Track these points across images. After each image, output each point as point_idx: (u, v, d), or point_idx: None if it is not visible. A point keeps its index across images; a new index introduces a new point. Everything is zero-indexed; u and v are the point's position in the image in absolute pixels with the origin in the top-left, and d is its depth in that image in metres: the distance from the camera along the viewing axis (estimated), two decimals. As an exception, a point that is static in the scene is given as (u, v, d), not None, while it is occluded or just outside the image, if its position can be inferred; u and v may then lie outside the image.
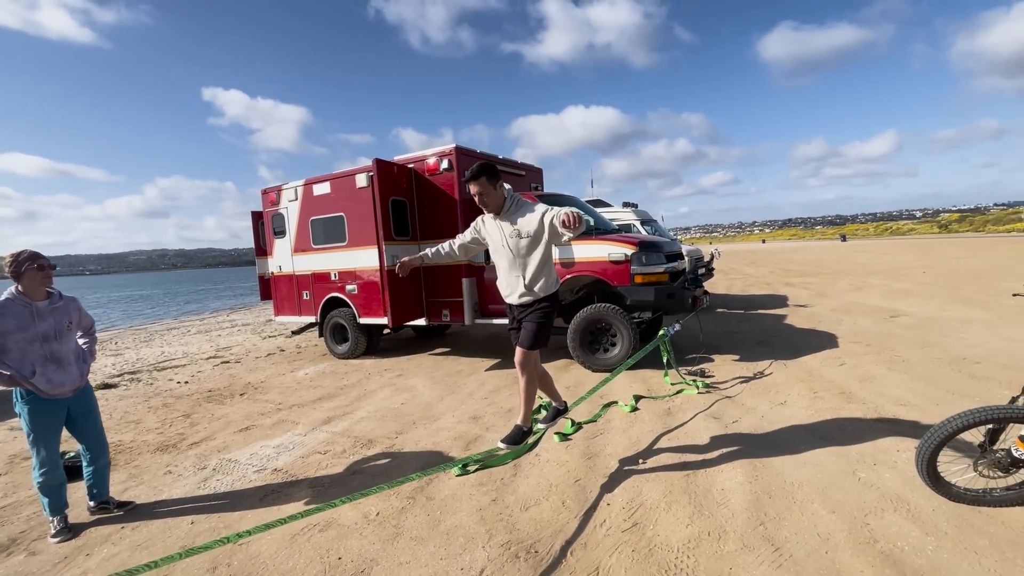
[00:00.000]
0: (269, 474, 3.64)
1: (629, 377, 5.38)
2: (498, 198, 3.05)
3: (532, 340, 3.09)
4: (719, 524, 2.53)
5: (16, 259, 2.84)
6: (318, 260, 7.66)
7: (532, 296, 3.08)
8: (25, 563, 2.71)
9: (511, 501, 2.95)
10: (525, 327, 3.12)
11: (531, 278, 3.03)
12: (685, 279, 6.11)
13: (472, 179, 2.96)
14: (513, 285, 3.10)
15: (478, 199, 3.04)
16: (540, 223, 2.96)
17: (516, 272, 3.07)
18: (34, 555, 2.79)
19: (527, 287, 3.05)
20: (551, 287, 3.11)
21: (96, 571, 2.59)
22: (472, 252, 3.39)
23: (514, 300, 3.14)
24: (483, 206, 3.08)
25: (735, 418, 3.97)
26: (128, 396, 6.41)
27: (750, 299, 11.37)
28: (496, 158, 7.27)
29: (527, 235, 2.99)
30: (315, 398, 5.61)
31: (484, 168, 2.96)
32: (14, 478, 3.92)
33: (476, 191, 3.00)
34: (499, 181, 3.04)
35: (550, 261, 3.11)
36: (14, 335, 2.78)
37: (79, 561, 2.70)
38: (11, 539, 2.97)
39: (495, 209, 3.07)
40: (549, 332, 3.16)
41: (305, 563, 2.49)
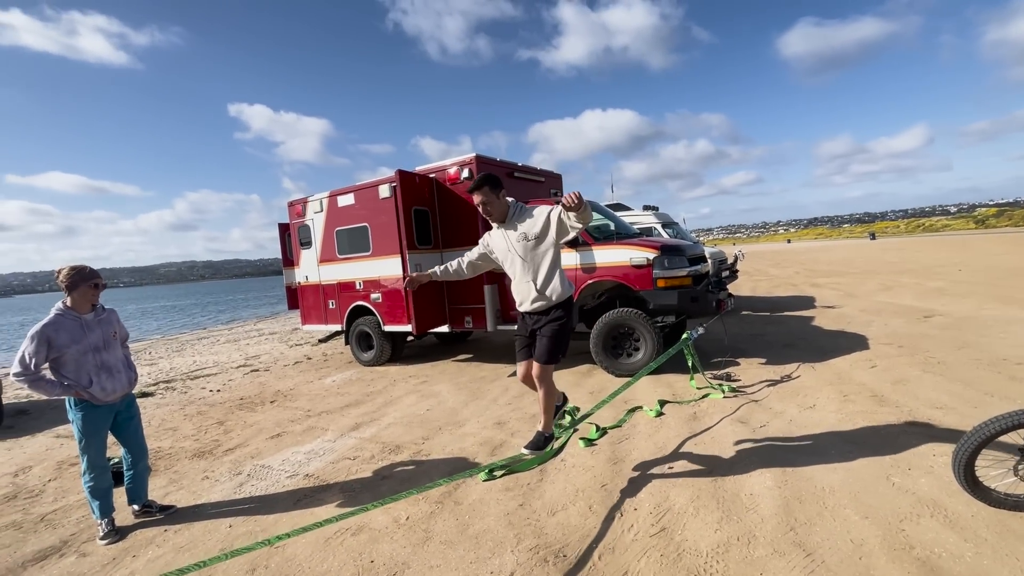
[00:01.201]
0: (301, 479, 3.74)
1: (654, 382, 5.36)
2: (502, 207, 3.07)
3: (548, 355, 3.04)
4: (748, 529, 2.52)
5: (73, 275, 3.01)
6: (343, 270, 7.83)
7: (545, 301, 3.03)
8: (76, 564, 2.85)
9: (538, 506, 2.98)
10: (540, 340, 3.07)
11: (543, 282, 3.00)
12: (708, 282, 6.06)
13: (475, 189, 3.00)
14: (525, 292, 3.07)
15: (482, 209, 3.05)
16: (546, 220, 2.95)
17: (527, 277, 3.03)
18: (84, 556, 2.93)
19: (539, 291, 3.01)
20: (565, 292, 3.05)
21: (143, 572, 2.71)
22: (480, 269, 3.38)
23: (527, 307, 3.10)
24: (487, 216, 3.09)
25: (763, 422, 3.93)
26: (164, 404, 6.65)
27: (776, 301, 11.17)
28: (515, 165, 7.34)
29: (533, 237, 2.98)
30: (343, 405, 5.74)
31: (486, 179, 2.99)
32: (63, 483, 4.11)
33: (479, 201, 3.02)
34: (502, 190, 3.05)
35: (560, 263, 3.07)
36: (69, 348, 2.95)
37: (126, 562, 2.82)
38: (63, 541, 3.13)
39: (499, 218, 3.10)
40: (566, 344, 3.12)
41: (339, 566, 2.57)
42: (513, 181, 7.17)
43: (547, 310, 3.06)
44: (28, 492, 4.01)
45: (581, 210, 2.67)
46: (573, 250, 5.95)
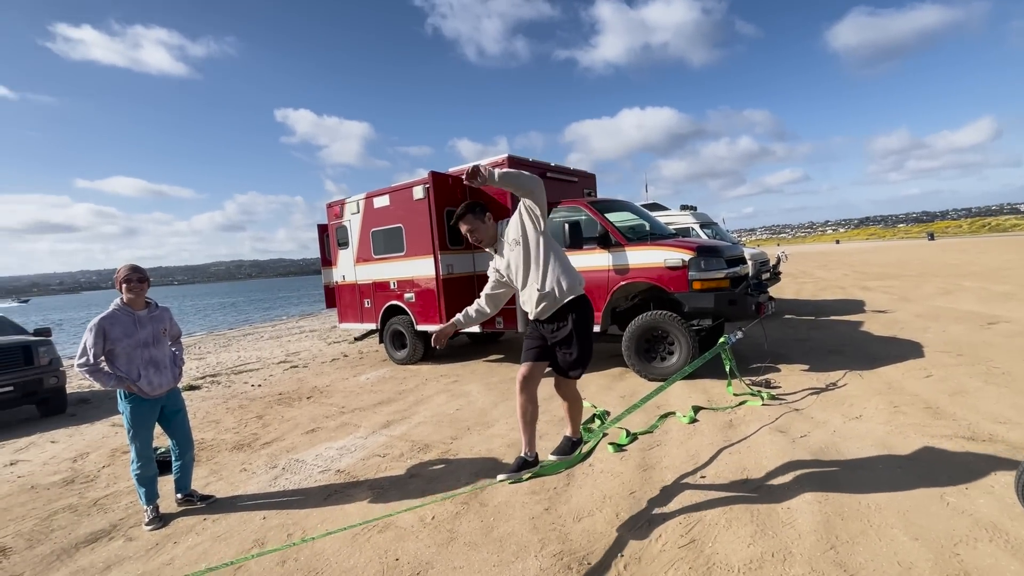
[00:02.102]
0: (333, 475, 3.83)
1: (688, 387, 5.20)
2: (490, 230, 3.00)
3: (581, 367, 2.94)
4: (784, 545, 2.39)
5: (122, 274, 3.25)
6: (378, 270, 7.99)
7: (552, 301, 2.83)
8: (123, 548, 3.01)
9: (564, 511, 2.93)
10: (563, 355, 2.92)
11: (542, 279, 2.82)
12: (748, 284, 5.84)
13: (459, 219, 2.95)
14: (531, 297, 2.90)
15: (471, 237, 2.99)
16: (518, 216, 2.86)
17: (529, 282, 2.89)
18: (131, 541, 3.09)
19: (541, 290, 2.83)
20: (573, 286, 2.84)
21: (182, 558, 2.83)
22: (501, 299, 3.16)
23: (536, 312, 2.92)
24: (478, 244, 3.02)
25: (803, 432, 3.74)
26: (209, 397, 6.95)
27: (821, 304, 10.66)
28: (548, 165, 7.30)
29: (517, 239, 2.86)
30: (375, 402, 5.84)
31: (468, 206, 2.94)
32: (115, 470, 4.36)
33: (466, 230, 2.96)
34: (487, 215, 2.97)
35: (556, 256, 2.86)
36: (122, 342, 3.16)
37: (168, 548, 2.96)
38: (112, 525, 3.31)
39: (490, 242, 3.02)
40: (589, 357, 2.94)
41: (365, 562, 2.60)
42: (545, 181, 7.11)
43: (560, 313, 2.88)
44: (84, 477, 4.27)
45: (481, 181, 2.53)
46: (605, 251, 5.85)
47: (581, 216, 6.18)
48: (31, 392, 6.41)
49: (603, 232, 5.88)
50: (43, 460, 4.85)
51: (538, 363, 3.01)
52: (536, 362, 3.00)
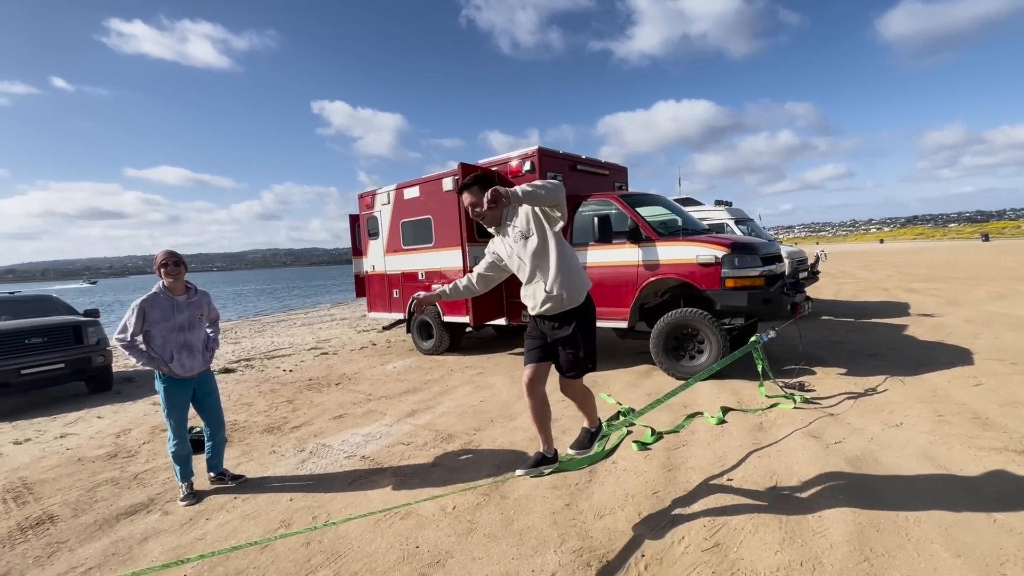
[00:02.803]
0: (358, 460, 3.90)
1: (717, 387, 5.07)
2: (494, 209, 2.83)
3: (581, 368, 2.78)
4: (814, 554, 2.30)
5: (160, 260, 3.37)
6: (407, 260, 8.07)
7: (556, 303, 2.70)
8: (160, 521, 3.14)
9: (585, 507, 2.90)
10: (565, 354, 2.78)
11: (551, 280, 2.67)
12: (784, 283, 5.63)
13: (464, 189, 2.77)
14: (534, 294, 2.77)
15: (472, 212, 2.79)
16: (533, 211, 2.68)
17: (536, 278, 2.74)
18: (167, 515, 3.22)
19: (548, 291, 2.68)
20: (580, 290, 2.71)
21: (213, 534, 2.93)
22: (492, 281, 3.05)
23: (539, 310, 2.78)
24: (479, 219, 2.81)
25: (838, 438, 3.59)
26: (243, 381, 7.19)
27: (862, 306, 10.22)
28: (579, 157, 7.20)
29: (528, 233, 2.71)
30: (401, 391, 5.92)
31: (477, 178, 2.77)
32: (155, 447, 4.56)
33: (469, 202, 2.77)
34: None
35: (566, 257, 2.71)
36: (159, 324, 3.28)
37: (200, 524, 3.07)
38: (150, 499, 3.47)
39: (493, 221, 2.83)
40: (593, 355, 2.80)
41: (386, 547, 2.64)
42: (575, 174, 7.03)
43: (562, 315, 2.74)
44: (126, 452, 4.48)
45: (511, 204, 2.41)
46: (635, 245, 5.74)
47: (611, 210, 6.07)
48: (80, 369, 6.76)
49: (633, 226, 5.77)
50: (89, 434, 5.12)
51: (541, 364, 2.88)
52: (539, 363, 2.88)
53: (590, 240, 6.11)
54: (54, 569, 2.68)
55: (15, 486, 3.87)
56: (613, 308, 5.99)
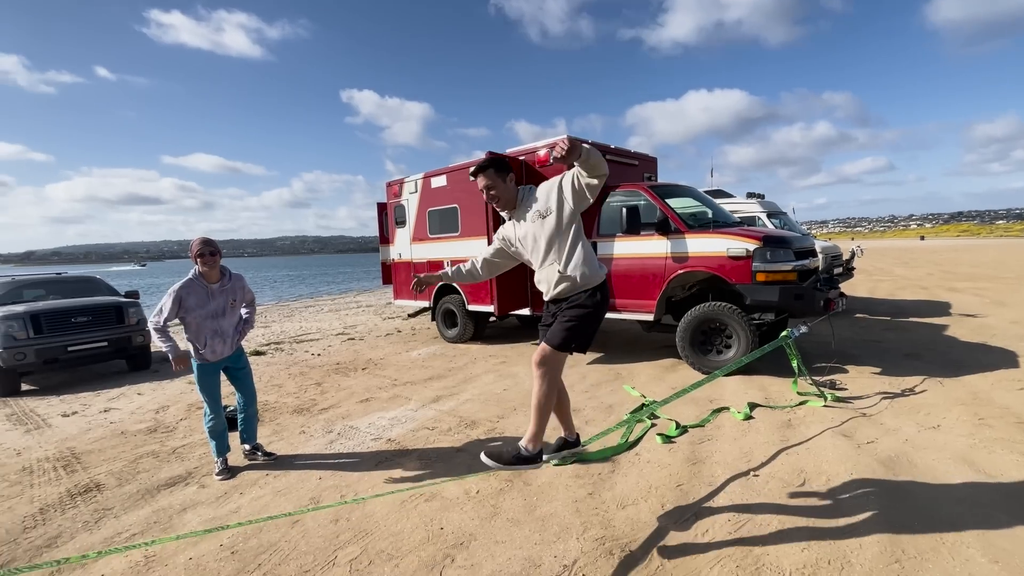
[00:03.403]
0: (384, 443, 3.99)
1: (745, 383, 4.99)
2: (509, 192, 2.72)
3: (561, 339, 2.53)
4: (842, 553, 2.26)
5: (195, 248, 3.44)
6: (434, 249, 8.14)
7: (571, 283, 2.56)
8: (197, 494, 3.29)
9: (607, 497, 2.91)
10: (556, 323, 2.60)
11: (565, 261, 2.55)
12: (817, 279, 5.48)
13: (479, 171, 2.68)
14: (549, 276, 2.63)
15: (486, 195, 2.72)
16: (558, 188, 2.56)
17: (550, 260, 2.61)
18: (203, 488, 3.37)
19: (562, 271, 2.56)
20: (593, 273, 2.57)
21: (247, 508, 3.05)
22: (498, 268, 2.97)
23: (552, 293, 2.66)
24: (493, 202, 2.74)
25: (871, 438, 3.49)
26: (273, 363, 7.41)
27: (899, 304, 9.86)
28: (607, 147, 7.10)
29: (547, 211, 2.58)
30: (426, 377, 6.01)
31: (492, 160, 2.70)
32: (191, 423, 4.75)
33: (483, 185, 2.69)
34: (510, 175, 2.72)
35: (583, 241, 2.61)
36: (194, 312, 3.39)
37: (234, 498, 3.20)
38: (188, 472, 3.62)
39: (507, 205, 2.75)
40: (586, 335, 2.58)
41: (411, 528, 2.70)
42: (604, 164, 6.95)
43: (574, 295, 2.60)
44: (165, 427, 4.68)
45: (580, 157, 2.27)
46: (664, 237, 5.66)
47: (640, 201, 5.99)
48: (121, 348, 7.08)
49: (662, 218, 5.68)
50: (131, 410, 5.37)
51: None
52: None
53: (618, 231, 6.06)
54: (101, 534, 2.84)
55: (64, 455, 4.09)
56: (639, 300, 5.93)
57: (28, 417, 5.33)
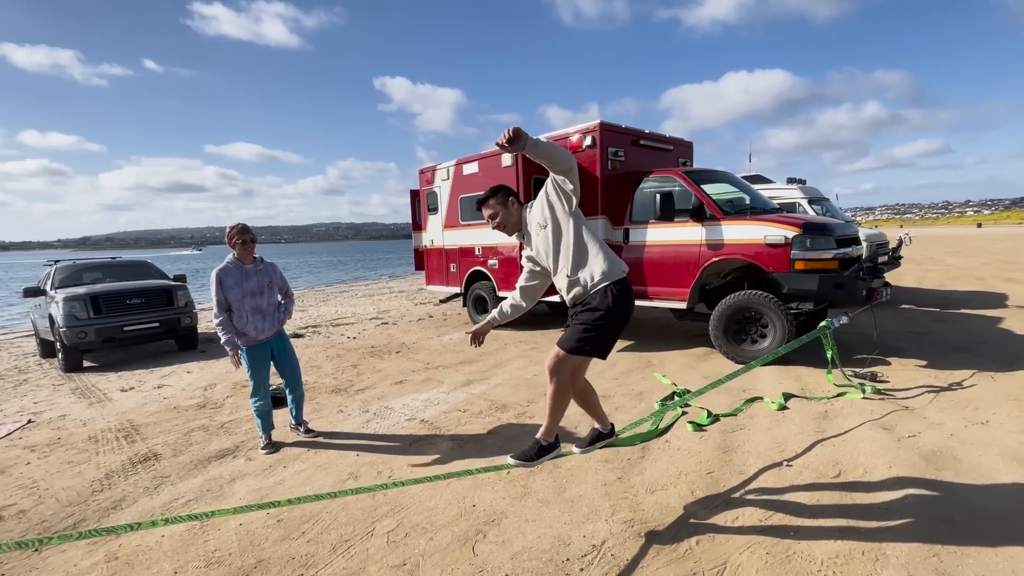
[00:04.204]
0: (417, 424, 4.12)
1: (780, 373, 4.89)
2: (514, 216, 2.70)
3: (572, 342, 2.47)
4: (877, 545, 2.23)
5: (232, 233, 3.68)
6: (465, 236, 8.23)
7: (582, 288, 2.51)
8: (244, 466, 3.49)
9: (636, 482, 2.94)
10: (571, 326, 2.56)
11: (572, 266, 2.51)
12: (860, 267, 5.28)
13: (481, 204, 2.71)
14: (561, 284, 2.62)
15: (494, 224, 2.73)
16: (545, 194, 2.57)
17: (560, 267, 2.59)
18: (250, 460, 3.57)
19: (569, 276, 2.53)
20: (601, 272, 2.47)
21: (290, 480, 3.23)
22: (537, 291, 2.85)
23: (567, 299, 2.63)
24: (502, 229, 2.73)
25: (912, 432, 3.39)
26: (312, 345, 7.69)
27: (949, 295, 9.39)
28: (642, 132, 6.99)
29: (545, 222, 2.57)
30: (457, 362, 6.13)
31: (493, 190, 2.70)
32: (237, 400, 5.01)
33: (489, 215, 2.70)
34: (510, 198, 2.70)
35: (589, 239, 2.54)
36: (232, 290, 3.61)
37: (278, 471, 3.38)
38: (236, 446, 3.84)
39: (515, 228, 2.74)
40: (600, 341, 2.49)
41: (445, 504, 2.81)
42: (638, 149, 6.84)
43: (586, 296, 2.54)
44: (213, 404, 4.96)
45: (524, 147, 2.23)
46: (699, 224, 5.55)
47: (675, 186, 5.89)
48: (171, 329, 7.49)
49: (697, 204, 5.58)
50: (182, 386, 5.70)
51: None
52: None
53: (651, 218, 5.98)
54: (160, 499, 3.06)
55: (124, 427, 4.40)
56: (672, 288, 5.87)
57: (91, 391, 5.73)
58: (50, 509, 3.02)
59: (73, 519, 2.89)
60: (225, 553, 2.47)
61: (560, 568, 2.22)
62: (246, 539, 2.58)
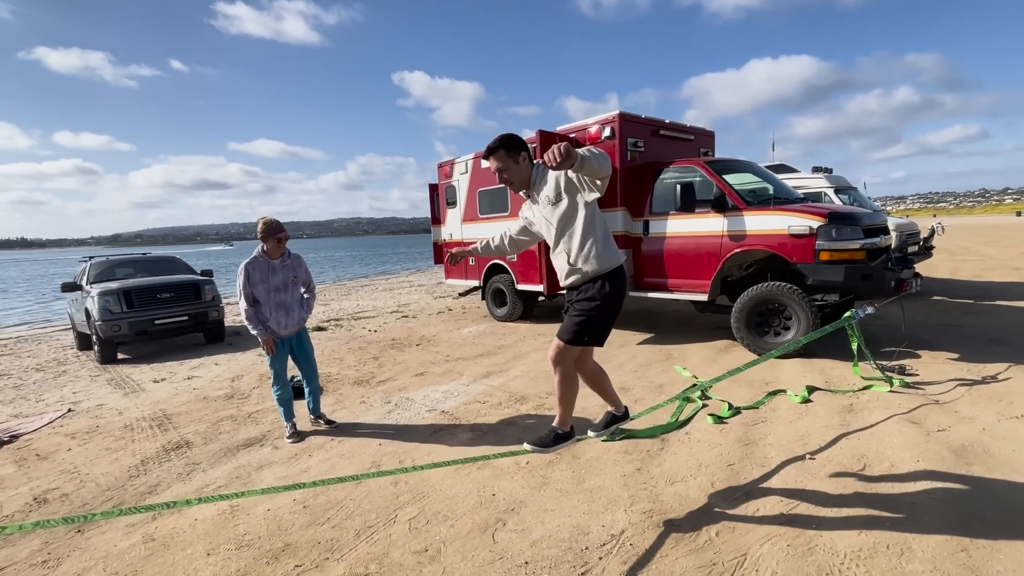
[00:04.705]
0: (438, 414, 4.18)
1: (804, 366, 4.81)
2: (522, 173, 2.61)
3: (570, 333, 2.51)
4: (903, 539, 2.19)
5: (264, 227, 3.72)
6: (484, 229, 8.25)
7: (580, 275, 2.51)
8: (271, 454, 3.59)
9: (656, 473, 2.94)
10: (568, 316, 2.58)
11: (575, 251, 2.49)
12: (889, 257, 5.14)
13: (490, 154, 2.58)
14: (560, 265, 2.59)
15: (499, 177, 2.62)
16: (555, 179, 2.49)
17: (560, 248, 2.56)
18: (276, 449, 3.67)
19: (571, 263, 2.50)
20: (604, 262, 2.47)
21: (315, 468, 3.32)
22: (523, 245, 2.94)
23: (564, 282, 2.62)
24: (507, 184, 2.65)
25: (942, 426, 3.30)
26: (334, 338, 7.83)
27: (983, 287, 9.06)
28: (662, 122, 6.89)
29: (558, 198, 2.50)
30: (477, 354, 6.18)
31: (502, 140, 2.56)
32: (263, 391, 5.15)
33: (495, 167, 2.59)
34: (522, 154, 2.58)
35: (595, 229, 2.50)
36: (259, 285, 3.69)
37: (303, 459, 3.48)
38: (262, 435, 3.96)
39: (522, 185, 2.65)
40: (599, 328, 2.52)
41: (465, 493, 2.85)
42: (658, 139, 6.76)
43: (584, 284, 2.54)
44: (240, 394, 5.10)
45: (576, 167, 2.14)
46: (720, 214, 5.47)
47: (695, 177, 5.80)
48: (200, 322, 7.72)
49: (719, 194, 5.49)
50: (210, 378, 5.88)
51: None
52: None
53: (671, 209, 5.91)
54: (193, 484, 3.18)
55: (158, 416, 4.57)
56: (693, 280, 5.80)
57: (125, 382, 5.96)
58: (90, 493, 3.17)
59: (112, 502, 3.03)
60: (255, 537, 2.56)
61: (579, 556, 2.24)
62: (274, 524, 2.66)
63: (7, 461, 3.76)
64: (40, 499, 3.13)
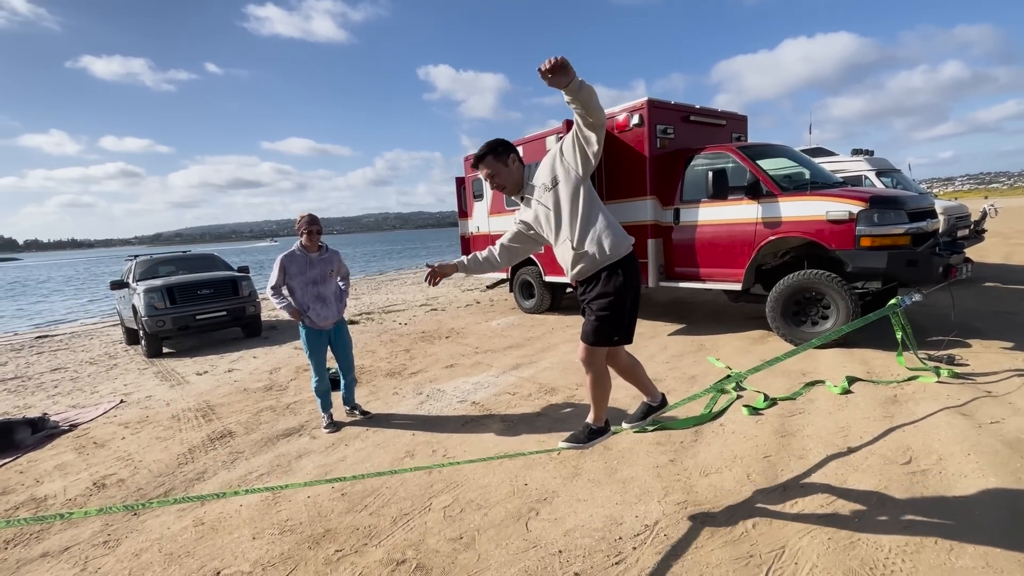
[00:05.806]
0: (469, 405, 4.23)
1: (844, 356, 4.65)
2: (513, 175, 2.53)
3: (593, 335, 2.38)
4: (952, 533, 2.11)
5: (300, 222, 3.84)
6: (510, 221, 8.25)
7: (589, 262, 2.36)
8: (309, 443, 3.71)
9: (690, 464, 2.91)
10: (587, 317, 2.44)
11: (578, 236, 2.34)
12: (936, 242, 4.90)
13: (478, 162, 2.51)
14: (564, 256, 2.45)
15: (491, 183, 2.53)
16: (559, 153, 2.39)
17: (562, 236, 2.42)
18: (314, 439, 3.79)
19: (576, 249, 2.36)
20: (612, 249, 2.32)
21: (352, 457, 3.41)
22: (518, 253, 2.77)
23: (572, 274, 2.47)
24: (500, 190, 2.57)
25: (996, 418, 3.15)
26: (366, 331, 8.00)
27: (1042, 272, 8.55)
28: (692, 108, 6.72)
29: (553, 182, 2.39)
30: (506, 346, 6.21)
31: (490, 146, 2.49)
32: (300, 383, 5.31)
33: (486, 174, 2.51)
34: (510, 156, 2.50)
35: (595, 209, 2.37)
36: (296, 278, 3.80)
37: (340, 448, 3.58)
38: (300, 425, 4.09)
39: (514, 189, 2.57)
40: (620, 326, 2.39)
41: (498, 482, 2.89)
42: (688, 126, 6.59)
43: (596, 275, 2.39)
44: (278, 386, 5.28)
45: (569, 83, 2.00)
46: (754, 201, 5.31)
47: (728, 163, 5.65)
48: (237, 317, 8.00)
49: (752, 180, 5.33)
50: (249, 370, 6.09)
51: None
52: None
53: (703, 196, 5.77)
54: (237, 472, 3.32)
55: (202, 407, 4.78)
56: (726, 269, 5.66)
57: (171, 375, 6.24)
58: (144, 479, 3.34)
59: (164, 488, 3.19)
60: (296, 522, 2.66)
61: (613, 546, 2.24)
62: (314, 510, 2.76)
63: (68, 448, 4.01)
64: (99, 483, 3.33)
